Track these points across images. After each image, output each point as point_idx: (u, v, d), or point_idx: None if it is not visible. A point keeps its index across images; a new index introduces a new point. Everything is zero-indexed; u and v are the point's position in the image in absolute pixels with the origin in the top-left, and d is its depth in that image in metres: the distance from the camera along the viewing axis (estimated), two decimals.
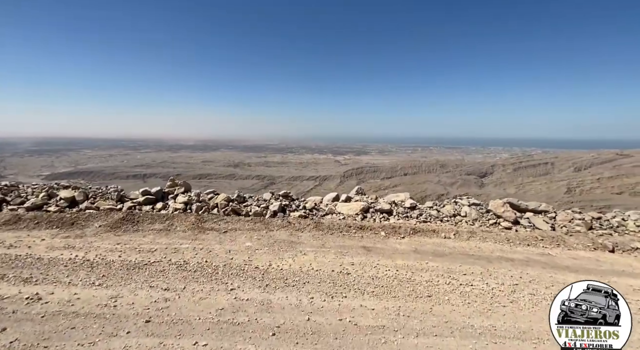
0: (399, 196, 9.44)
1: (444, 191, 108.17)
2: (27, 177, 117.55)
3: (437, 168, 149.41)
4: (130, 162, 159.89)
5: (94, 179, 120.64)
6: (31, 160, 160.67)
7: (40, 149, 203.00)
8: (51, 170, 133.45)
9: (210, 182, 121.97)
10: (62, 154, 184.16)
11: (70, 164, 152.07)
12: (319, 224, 7.01)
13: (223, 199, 7.83)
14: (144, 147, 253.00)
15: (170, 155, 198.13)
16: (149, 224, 6.38)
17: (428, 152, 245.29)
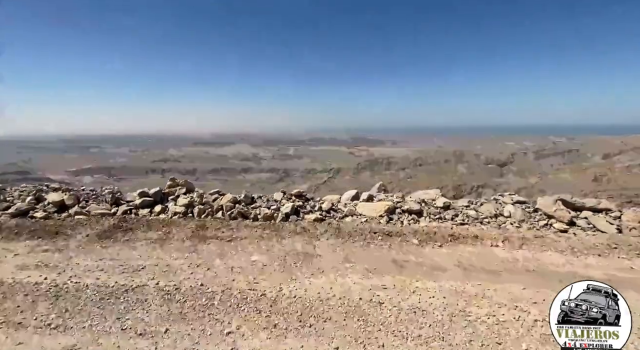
0: (428, 193, 8.22)
1: (461, 181, 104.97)
2: (54, 174, 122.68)
3: (455, 158, 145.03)
4: (148, 157, 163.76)
5: (115, 174, 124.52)
6: (57, 157, 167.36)
7: (65, 146, 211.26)
8: (76, 167, 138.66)
9: (225, 176, 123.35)
10: (85, 151, 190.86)
11: (93, 160, 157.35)
12: (338, 230, 5.96)
13: (229, 201, 6.89)
14: (162, 142, 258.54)
15: (187, 149, 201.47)
16: (143, 232, 5.53)
17: (444, 142, 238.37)
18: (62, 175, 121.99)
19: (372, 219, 6.92)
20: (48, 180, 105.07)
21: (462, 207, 7.55)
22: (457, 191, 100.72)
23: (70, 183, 57.98)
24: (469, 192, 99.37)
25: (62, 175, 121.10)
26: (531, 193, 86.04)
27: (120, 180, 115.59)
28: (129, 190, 29.50)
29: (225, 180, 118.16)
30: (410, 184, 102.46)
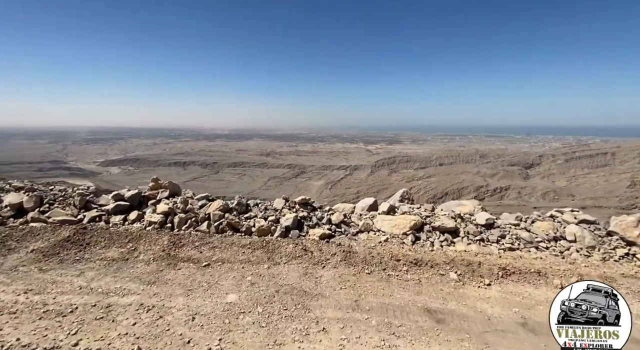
0: (464, 206, 6.65)
1: (483, 183, 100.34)
2: (85, 164, 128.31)
3: (477, 158, 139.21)
4: (171, 150, 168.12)
5: (140, 165, 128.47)
6: (88, 148, 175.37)
7: (95, 138, 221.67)
8: (104, 158, 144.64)
9: (243, 170, 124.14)
10: (114, 143, 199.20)
11: (121, 152, 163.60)
12: (350, 254, 4.56)
13: (217, 209, 5.65)
14: (184, 136, 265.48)
15: (207, 143, 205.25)
16: (103, 248, 4.38)
17: (466, 141, 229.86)
18: (92, 165, 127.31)
19: (393, 237, 5.48)
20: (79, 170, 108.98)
21: (509, 226, 5.94)
22: (478, 193, 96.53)
23: (100, 173, 59.44)
24: (492, 194, 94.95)
25: (92, 165, 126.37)
26: (559, 197, 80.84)
27: (146, 171, 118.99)
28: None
29: (242, 175, 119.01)
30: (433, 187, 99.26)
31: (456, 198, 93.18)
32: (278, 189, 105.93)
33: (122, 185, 49.12)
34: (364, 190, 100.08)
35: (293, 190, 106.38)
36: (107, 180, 78.57)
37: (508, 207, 68.58)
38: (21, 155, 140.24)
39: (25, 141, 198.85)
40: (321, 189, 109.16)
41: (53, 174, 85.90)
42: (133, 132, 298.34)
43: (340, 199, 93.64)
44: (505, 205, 72.10)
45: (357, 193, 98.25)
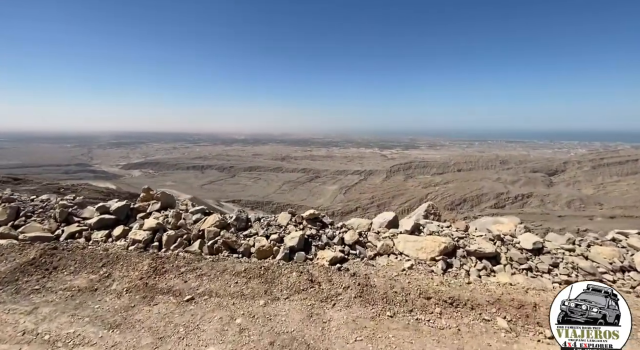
0: (502, 224, 5.61)
1: (503, 189, 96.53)
2: (108, 167, 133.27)
3: (497, 164, 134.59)
4: (190, 154, 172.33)
5: (160, 169, 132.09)
6: (111, 152, 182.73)
7: (119, 142, 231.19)
8: (127, 161, 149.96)
9: (259, 174, 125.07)
10: (136, 147, 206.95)
11: (142, 155, 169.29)
12: (367, 288, 3.67)
13: (213, 224, 4.89)
14: (202, 140, 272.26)
15: (224, 148, 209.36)
16: (72, 273, 3.70)
17: (486, 147, 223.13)
18: (115, 168, 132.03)
19: (419, 263, 4.54)
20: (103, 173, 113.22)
21: (561, 250, 4.86)
22: (498, 200, 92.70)
23: (122, 176, 61.04)
24: (513, 201, 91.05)
25: (115, 168, 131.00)
26: (586, 205, 76.26)
27: (165, 174, 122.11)
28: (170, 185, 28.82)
29: (258, 179, 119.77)
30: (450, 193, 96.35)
31: (475, 205, 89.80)
32: (292, 193, 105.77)
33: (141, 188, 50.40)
34: (378, 196, 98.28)
35: (307, 194, 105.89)
36: (128, 182, 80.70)
37: (530, 215, 65.21)
38: (49, 158, 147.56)
39: (53, 145, 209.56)
40: (335, 193, 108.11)
41: (78, 176, 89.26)
42: (154, 137, 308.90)
43: (354, 204, 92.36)
44: (527, 213, 68.69)
45: (371, 198, 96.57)
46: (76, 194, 23.15)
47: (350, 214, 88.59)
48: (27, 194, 18.84)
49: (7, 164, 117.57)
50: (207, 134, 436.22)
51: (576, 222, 58.86)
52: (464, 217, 66.93)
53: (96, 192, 28.26)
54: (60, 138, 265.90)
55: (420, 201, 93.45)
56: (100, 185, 37.44)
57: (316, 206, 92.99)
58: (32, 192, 22.31)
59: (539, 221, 59.48)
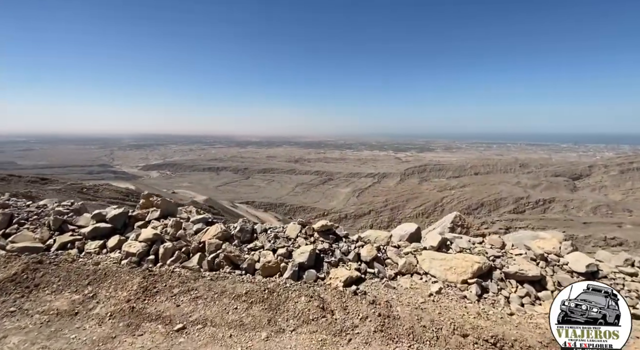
0: (544, 240, 4.86)
1: (523, 194, 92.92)
2: (128, 168, 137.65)
3: (516, 167, 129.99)
4: (206, 156, 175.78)
5: (177, 170, 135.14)
6: (131, 153, 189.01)
7: (138, 144, 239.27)
8: (145, 162, 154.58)
9: (272, 176, 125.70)
10: (154, 148, 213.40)
11: (160, 157, 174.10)
12: (390, 320, 3.07)
13: (215, 236, 4.43)
14: (218, 143, 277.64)
15: (239, 150, 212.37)
16: (54, 292, 3.29)
17: (505, 150, 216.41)
18: (134, 169, 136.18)
19: (448, 285, 3.90)
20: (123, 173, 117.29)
21: (620, 273, 4.09)
22: (517, 205, 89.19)
23: (141, 176, 62.57)
24: (533, 206, 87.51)
25: (135, 169, 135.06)
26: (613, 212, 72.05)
27: (182, 175, 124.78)
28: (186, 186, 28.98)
29: (272, 180, 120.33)
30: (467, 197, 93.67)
31: (493, 210, 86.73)
32: (305, 196, 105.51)
33: (159, 189, 50.63)
34: (392, 199, 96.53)
35: (320, 196, 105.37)
36: (147, 183, 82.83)
37: (552, 221, 62.17)
38: (74, 159, 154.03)
39: (77, 146, 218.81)
40: (348, 196, 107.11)
41: (101, 177, 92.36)
42: (172, 139, 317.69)
43: (367, 207, 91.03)
44: (549, 219, 65.55)
45: (385, 201, 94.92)
46: (97, 194, 23.39)
47: (363, 217, 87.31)
48: (53, 193, 19.01)
49: (36, 165, 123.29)
50: (223, 136, 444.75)
51: (603, 230, 55.59)
52: (481, 222, 64.60)
53: (116, 192, 28.83)
54: (85, 140, 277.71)
55: (435, 205, 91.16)
56: (121, 185, 38.31)
57: (329, 209, 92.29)
58: (57, 191, 22.78)
59: (562, 227, 56.69)
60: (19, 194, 18.33)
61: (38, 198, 19.00)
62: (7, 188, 19.76)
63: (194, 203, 44.83)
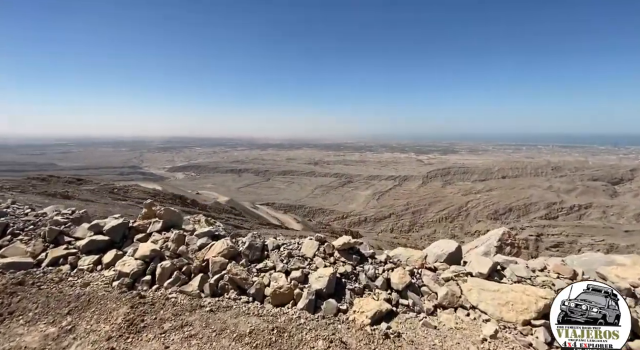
0: (622, 265, 3.87)
1: (556, 199, 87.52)
2: (156, 169, 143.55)
3: (548, 171, 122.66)
4: (228, 158, 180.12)
5: (201, 172, 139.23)
6: (159, 156, 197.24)
7: (166, 147, 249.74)
8: (172, 164, 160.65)
9: (292, 178, 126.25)
10: (180, 151, 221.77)
11: (185, 159, 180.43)
12: None
13: (220, 254, 3.83)
14: (240, 145, 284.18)
15: (260, 152, 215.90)
16: (28, 322, 2.79)
17: (535, 152, 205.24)
18: (161, 170, 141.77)
19: (505, 327, 3.06)
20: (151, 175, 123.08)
21: None
22: (549, 210, 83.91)
23: (167, 178, 64.94)
24: (567, 212, 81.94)
25: (162, 171, 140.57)
26: None
27: (206, 177, 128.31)
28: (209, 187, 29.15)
29: (291, 182, 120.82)
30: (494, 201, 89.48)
31: (522, 215, 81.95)
32: (324, 198, 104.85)
33: (184, 190, 51.86)
34: (414, 202, 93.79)
35: (339, 199, 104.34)
36: (173, 184, 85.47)
37: (589, 228, 57.53)
38: (108, 161, 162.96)
39: (110, 149, 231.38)
40: (368, 199, 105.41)
41: (130, 178, 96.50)
42: (197, 142, 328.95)
43: (387, 210, 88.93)
44: (585, 226, 60.78)
45: (406, 205, 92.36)
46: (127, 194, 23.89)
47: (383, 221, 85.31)
48: (87, 193, 19.55)
49: (73, 166, 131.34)
50: (245, 138, 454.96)
51: None
52: (510, 228, 60.98)
53: (144, 193, 29.60)
54: (117, 143, 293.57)
55: (460, 209, 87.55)
56: (149, 186, 39.55)
57: (348, 211, 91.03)
58: (91, 191, 23.62)
59: (601, 236, 52.39)
60: (57, 194, 19.05)
61: (74, 198, 19.65)
62: (46, 187, 20.60)
63: (217, 204, 45.40)
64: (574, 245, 50.63)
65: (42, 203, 14.80)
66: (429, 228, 78.04)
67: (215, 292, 3.53)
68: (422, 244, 48.21)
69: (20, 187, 18.54)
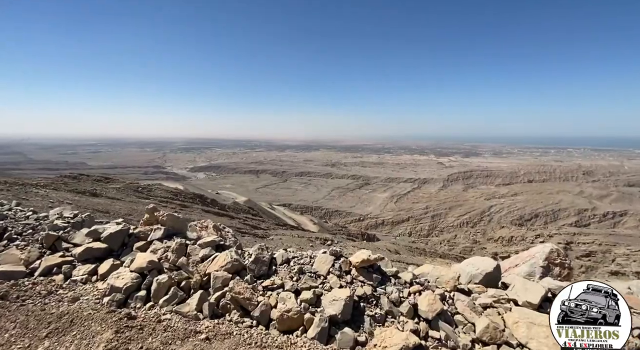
0: None
1: (588, 205, 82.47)
2: (178, 169, 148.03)
3: (579, 175, 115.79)
4: (247, 159, 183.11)
5: (221, 172, 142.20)
6: (181, 156, 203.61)
7: (188, 147, 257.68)
8: (193, 164, 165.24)
9: (309, 180, 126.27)
10: (201, 152, 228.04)
11: (206, 160, 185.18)
12: None
13: (223, 267, 3.42)
14: (258, 146, 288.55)
15: (278, 154, 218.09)
16: (4, 347, 2.48)
17: (565, 155, 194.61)
18: (183, 170, 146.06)
19: None
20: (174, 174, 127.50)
21: None
22: (580, 217, 78.98)
23: (189, 178, 66.95)
24: (600, 220, 76.82)
25: (183, 171, 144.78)
26: None
27: (225, 177, 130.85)
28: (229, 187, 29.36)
29: (308, 184, 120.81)
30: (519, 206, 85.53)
31: (550, 221, 77.54)
32: (341, 200, 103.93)
33: (204, 189, 52.78)
34: (433, 206, 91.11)
35: (356, 201, 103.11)
36: (194, 184, 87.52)
37: (625, 237, 53.42)
38: (133, 160, 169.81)
39: (136, 149, 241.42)
40: (386, 201, 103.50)
41: (154, 177, 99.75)
42: (217, 143, 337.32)
43: (406, 214, 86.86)
44: (620, 235, 56.48)
45: (425, 208, 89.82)
46: (150, 193, 24.44)
47: (401, 224, 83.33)
48: (113, 191, 20.23)
49: (102, 165, 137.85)
50: (263, 140, 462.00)
51: None
52: (535, 235, 57.59)
53: (167, 192, 30.30)
54: (143, 143, 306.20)
55: (482, 214, 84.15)
56: (171, 186, 40.56)
57: (365, 214, 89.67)
58: (117, 190, 24.44)
59: (638, 246, 48.50)
60: (86, 192, 19.75)
61: (101, 196, 20.30)
62: (77, 185, 21.42)
63: (235, 204, 45.87)
64: (607, 255, 47.30)
65: (73, 200, 15.27)
66: (449, 233, 75.45)
67: (215, 312, 3.10)
68: (442, 249, 46.40)
69: (53, 185, 19.37)
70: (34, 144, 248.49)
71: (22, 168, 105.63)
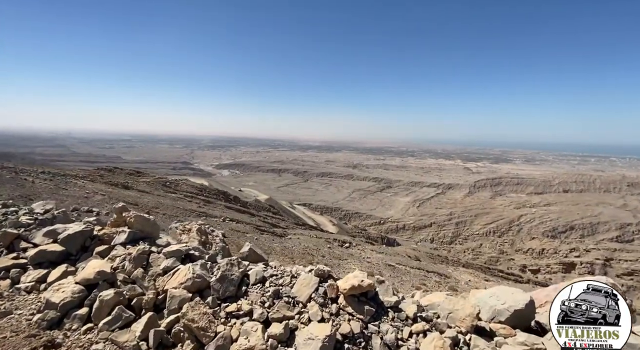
0: None
1: (632, 219, 75.68)
2: (205, 166, 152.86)
3: (622, 187, 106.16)
4: (270, 158, 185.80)
5: (245, 170, 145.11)
6: (208, 153, 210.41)
7: (214, 145, 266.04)
8: (219, 162, 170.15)
9: (330, 180, 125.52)
10: (227, 149, 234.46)
11: (231, 157, 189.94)
12: None
13: (182, 285, 2.81)
14: (281, 146, 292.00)
15: (300, 154, 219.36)
16: None
17: (607, 164, 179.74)
18: (209, 167, 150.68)
19: None
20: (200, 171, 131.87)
21: None
22: (622, 232, 72.20)
23: (214, 174, 69.05)
24: None
25: (209, 168, 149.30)
26: None
27: (249, 175, 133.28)
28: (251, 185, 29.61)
29: (329, 184, 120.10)
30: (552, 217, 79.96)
31: (588, 235, 71.56)
32: (361, 202, 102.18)
33: (228, 186, 53.51)
34: (458, 213, 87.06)
35: (377, 204, 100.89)
36: (218, 180, 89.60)
37: None
38: (163, 156, 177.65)
39: (168, 145, 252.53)
40: (407, 206, 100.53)
41: (182, 173, 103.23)
42: (242, 141, 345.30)
43: (428, 219, 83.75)
44: None
45: (449, 215, 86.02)
46: (177, 188, 24.97)
47: (423, 230, 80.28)
48: (143, 184, 20.91)
49: (134, 160, 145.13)
50: (287, 139, 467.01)
51: None
52: (570, 249, 53.09)
53: (192, 187, 30.91)
54: (174, 140, 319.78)
55: (511, 223, 79.25)
56: (197, 181, 41.44)
57: (385, 217, 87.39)
58: (147, 183, 25.26)
59: None
60: (118, 184, 20.48)
61: (132, 188, 20.95)
62: (111, 178, 22.33)
63: (257, 201, 46.05)
64: None
65: (106, 191, 15.73)
66: (473, 241, 71.76)
67: (164, 342, 2.50)
68: (466, 258, 43.91)
69: (90, 177, 20.27)
70: (77, 138, 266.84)
71: (65, 160, 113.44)
